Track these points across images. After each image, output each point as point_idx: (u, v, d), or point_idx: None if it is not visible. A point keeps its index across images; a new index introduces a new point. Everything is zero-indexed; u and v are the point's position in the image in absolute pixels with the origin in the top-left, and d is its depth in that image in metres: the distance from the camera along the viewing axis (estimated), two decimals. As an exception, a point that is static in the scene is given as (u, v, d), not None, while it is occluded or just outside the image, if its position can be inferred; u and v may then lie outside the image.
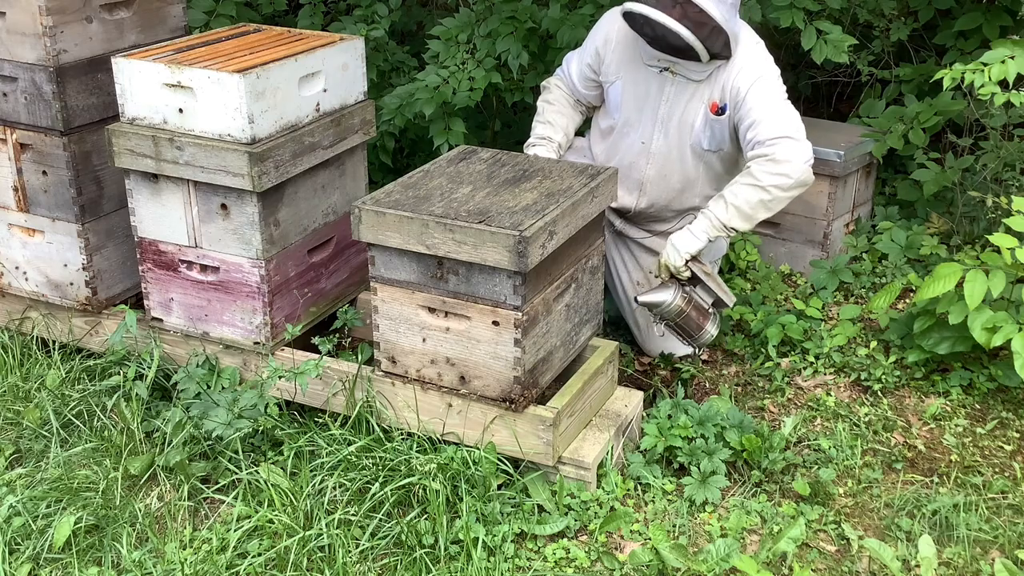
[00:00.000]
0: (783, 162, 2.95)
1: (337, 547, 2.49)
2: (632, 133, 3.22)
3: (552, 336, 2.75)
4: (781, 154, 2.95)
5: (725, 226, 3.01)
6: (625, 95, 3.20)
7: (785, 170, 2.95)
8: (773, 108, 3.02)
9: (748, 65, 3.03)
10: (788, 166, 2.95)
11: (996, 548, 2.58)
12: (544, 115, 3.33)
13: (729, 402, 3.08)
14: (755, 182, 2.96)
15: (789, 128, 2.99)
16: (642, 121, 3.20)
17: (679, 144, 3.18)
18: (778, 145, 2.96)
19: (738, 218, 3.00)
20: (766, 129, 2.98)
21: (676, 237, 3.03)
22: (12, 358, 3.25)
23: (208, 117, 2.79)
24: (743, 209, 2.98)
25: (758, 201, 2.98)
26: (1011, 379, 3.10)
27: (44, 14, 2.90)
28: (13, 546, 2.57)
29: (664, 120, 3.16)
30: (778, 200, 2.99)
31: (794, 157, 2.95)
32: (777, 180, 2.95)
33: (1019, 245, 2.93)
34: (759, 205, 2.98)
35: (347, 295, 3.25)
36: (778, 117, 3.00)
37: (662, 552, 2.41)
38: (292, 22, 4.66)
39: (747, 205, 2.98)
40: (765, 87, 3.03)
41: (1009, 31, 3.94)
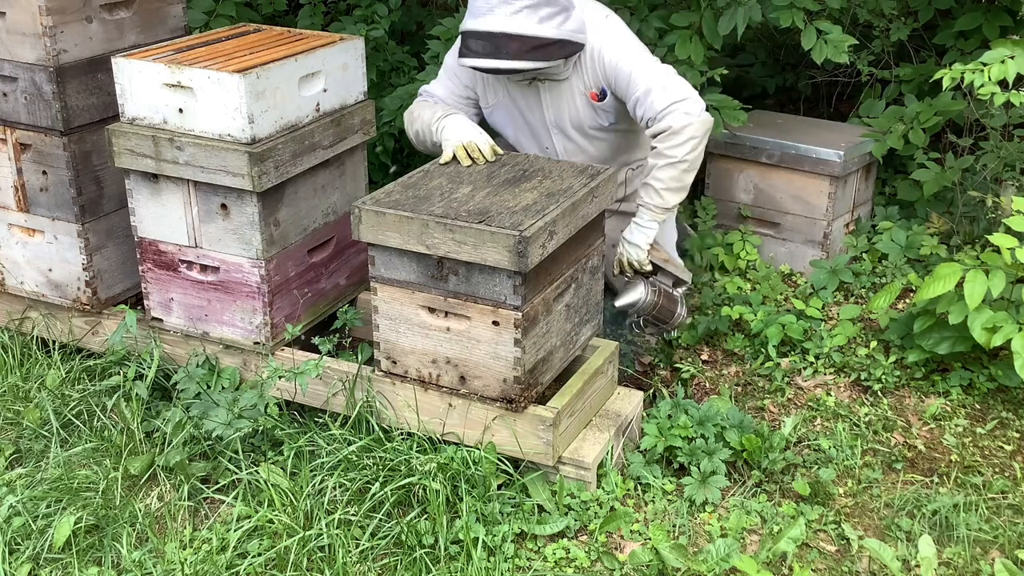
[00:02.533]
0: (682, 129, 2.99)
1: (337, 547, 2.49)
2: (530, 144, 3.33)
3: (552, 336, 2.75)
4: (677, 122, 2.99)
5: (665, 208, 3.09)
6: (509, 116, 3.30)
7: (688, 134, 3.00)
8: (647, 75, 3.05)
9: (605, 43, 3.09)
10: (689, 130, 3.00)
11: (996, 548, 2.58)
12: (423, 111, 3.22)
13: (729, 402, 3.08)
14: (669, 159, 3.01)
15: (671, 91, 3.02)
16: (534, 134, 3.29)
17: (580, 137, 3.26)
18: (670, 115, 3.01)
19: (672, 194, 3.07)
20: (652, 102, 3.03)
21: (628, 234, 3.12)
22: (12, 358, 3.25)
23: (208, 117, 2.79)
24: (671, 185, 3.05)
25: (680, 172, 3.04)
26: (1011, 379, 3.10)
27: (44, 14, 2.90)
28: (13, 546, 2.57)
29: (555, 124, 3.25)
30: (696, 158, 3.06)
31: (689, 119, 3.00)
32: (686, 147, 3.00)
33: (1019, 245, 2.93)
34: (683, 174, 3.05)
35: (347, 295, 3.25)
36: (656, 83, 3.04)
37: (662, 552, 2.41)
38: (292, 22, 4.66)
39: (673, 181, 3.04)
40: (629, 57, 3.08)
41: (1009, 31, 3.94)
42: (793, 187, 3.81)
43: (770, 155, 3.82)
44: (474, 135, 3.00)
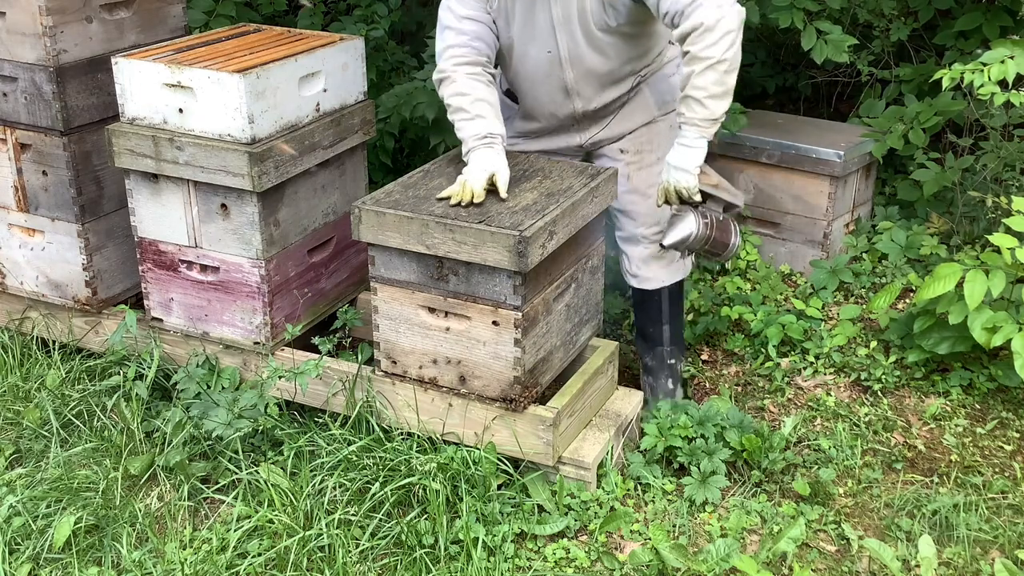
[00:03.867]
0: (716, 24, 2.63)
1: (337, 547, 2.49)
2: (532, 47, 2.93)
3: (552, 336, 2.75)
4: (710, 17, 2.63)
5: (713, 119, 2.73)
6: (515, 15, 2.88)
7: (723, 28, 2.64)
8: None
9: None
10: (724, 23, 2.63)
11: (996, 548, 2.58)
12: (467, 109, 2.84)
13: (729, 402, 3.08)
14: (708, 62, 2.65)
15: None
16: (538, 34, 2.90)
17: (586, 37, 2.88)
18: (700, 8, 2.64)
19: (717, 101, 2.71)
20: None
21: (674, 158, 2.76)
22: (12, 358, 3.25)
23: (208, 117, 2.79)
24: (715, 91, 2.68)
25: (722, 74, 2.68)
26: (1011, 379, 3.10)
27: (44, 14, 2.90)
28: (13, 546, 2.57)
29: (562, 22, 2.86)
30: (736, 56, 2.70)
31: (721, 11, 2.64)
32: (723, 44, 2.65)
33: (1019, 245, 2.93)
34: (725, 76, 2.69)
35: (347, 295, 3.25)
36: None
37: (662, 552, 2.41)
38: (292, 22, 4.66)
39: (716, 85, 2.68)
40: None
41: (1009, 31, 3.94)
42: (793, 187, 3.81)
43: (770, 155, 3.82)
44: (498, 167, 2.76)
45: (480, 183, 2.67)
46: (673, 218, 2.82)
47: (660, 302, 3.12)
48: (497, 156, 2.76)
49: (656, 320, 3.14)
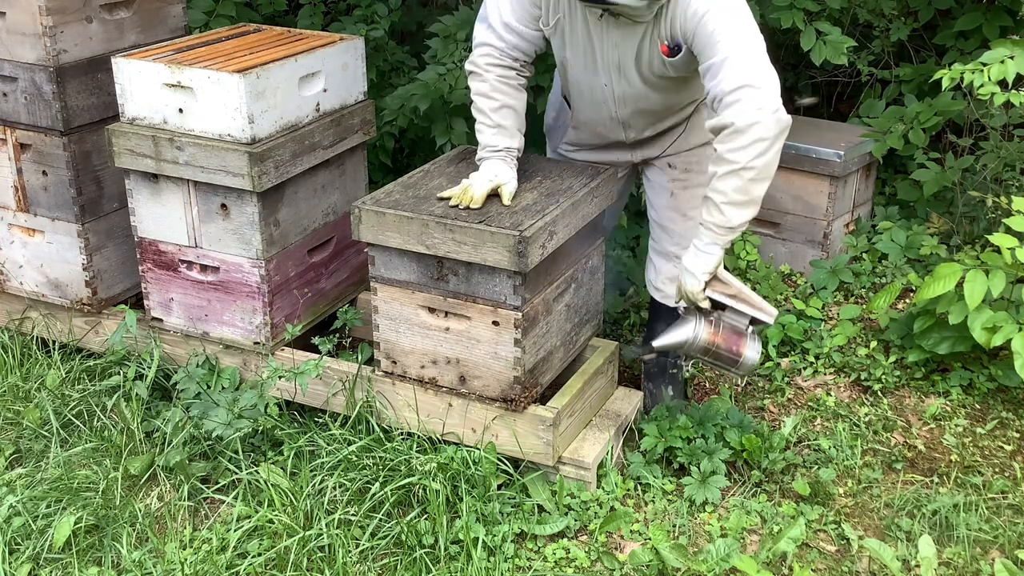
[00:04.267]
0: (748, 128, 2.46)
1: (337, 547, 2.49)
2: (586, 75, 2.83)
3: (552, 336, 2.75)
4: (743, 118, 2.46)
5: (729, 228, 2.58)
6: (571, 41, 2.77)
7: (755, 135, 2.46)
8: (732, 40, 2.50)
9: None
10: (757, 129, 2.45)
11: (996, 548, 2.58)
12: (489, 116, 2.79)
13: (729, 402, 3.08)
14: (732, 167, 2.50)
15: (748, 71, 2.48)
16: (596, 67, 2.79)
17: (643, 80, 2.76)
18: (736, 105, 2.47)
19: (737, 209, 2.55)
20: (724, 77, 2.49)
21: (686, 259, 2.65)
22: (12, 358, 3.25)
23: (208, 117, 2.79)
24: (735, 199, 2.53)
25: (747, 182, 2.51)
26: (1011, 379, 3.10)
27: (44, 14, 2.90)
28: (13, 546, 2.57)
29: (618, 66, 2.75)
30: (768, 166, 2.52)
31: (759, 115, 2.46)
32: (752, 151, 2.47)
33: (1019, 245, 2.93)
34: (750, 185, 2.52)
35: (347, 295, 3.25)
36: (737, 55, 2.49)
37: (662, 552, 2.41)
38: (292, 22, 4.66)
39: (738, 193, 2.52)
40: (720, 12, 2.52)
41: (1009, 31, 3.94)
42: (793, 187, 3.81)
43: (770, 155, 3.81)
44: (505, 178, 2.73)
45: (482, 190, 2.66)
46: (679, 319, 2.71)
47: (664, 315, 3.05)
48: (507, 168, 2.75)
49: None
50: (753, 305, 2.64)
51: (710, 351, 2.65)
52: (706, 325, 2.64)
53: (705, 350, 2.65)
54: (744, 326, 2.65)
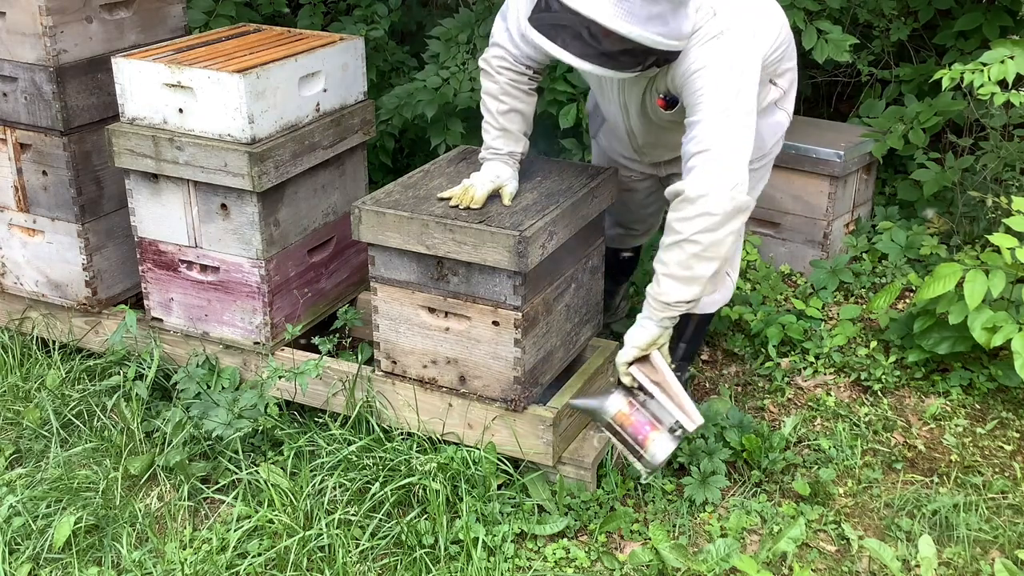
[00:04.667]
0: (698, 199, 2.32)
1: (337, 547, 2.49)
2: (606, 103, 2.82)
3: (552, 336, 2.75)
4: (694, 187, 2.33)
5: (664, 303, 2.42)
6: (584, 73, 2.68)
7: (703, 207, 2.31)
8: (715, 104, 2.36)
9: (701, 55, 2.39)
10: (704, 202, 2.31)
11: (996, 548, 2.58)
12: (496, 118, 2.74)
13: (729, 402, 3.08)
14: (676, 236, 2.36)
15: (717, 140, 2.34)
16: (609, 100, 2.78)
17: (653, 121, 2.72)
18: (692, 173, 2.35)
19: (676, 286, 2.39)
20: (695, 140, 2.37)
21: (629, 330, 2.51)
22: (12, 358, 3.25)
23: (208, 117, 2.79)
24: (677, 274, 2.38)
25: (690, 257, 2.35)
26: (1011, 379, 3.10)
27: (44, 14, 2.90)
28: (13, 546, 2.57)
29: (628, 105, 2.72)
30: (715, 244, 2.35)
31: (710, 186, 2.31)
32: (699, 224, 2.32)
33: (1019, 245, 2.93)
34: (694, 261, 2.36)
35: (347, 295, 3.25)
36: (709, 121, 2.36)
37: (662, 552, 2.41)
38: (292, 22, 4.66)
39: (680, 267, 2.37)
40: (714, 73, 2.37)
41: (1009, 31, 3.94)
42: (793, 187, 3.81)
43: (770, 155, 3.82)
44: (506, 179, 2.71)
45: (483, 191, 2.66)
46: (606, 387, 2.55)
47: (687, 325, 3.00)
48: (509, 170, 2.74)
49: (675, 337, 2.97)
50: (677, 403, 2.42)
51: (616, 430, 2.46)
52: (623, 401, 2.46)
53: (610, 426, 2.47)
54: (669, 421, 2.43)
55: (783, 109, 2.79)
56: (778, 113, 2.78)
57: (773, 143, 2.80)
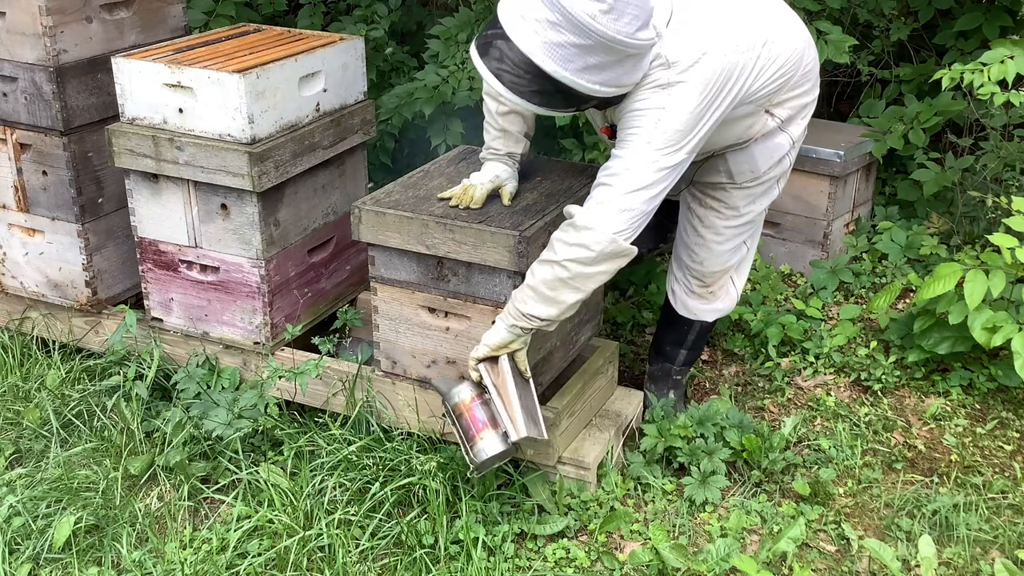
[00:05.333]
0: (583, 229, 2.33)
1: (337, 547, 2.49)
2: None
3: (552, 336, 2.75)
4: (582, 218, 2.34)
5: (519, 311, 2.41)
6: None
7: (583, 239, 2.33)
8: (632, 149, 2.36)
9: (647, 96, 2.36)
10: (587, 235, 2.32)
11: (996, 548, 2.58)
12: (496, 119, 2.73)
13: (729, 402, 3.08)
14: (551, 255, 2.37)
15: (623, 180, 2.34)
16: None
17: None
18: (589, 203, 2.36)
19: (536, 300, 2.39)
20: (607, 169, 2.38)
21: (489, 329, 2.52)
22: (12, 358, 3.25)
23: (208, 117, 2.79)
24: (540, 290, 2.38)
25: (556, 280, 2.36)
26: (1011, 379, 3.10)
27: (44, 14, 2.90)
28: (13, 546, 2.57)
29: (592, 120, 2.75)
30: (582, 277, 2.36)
31: (598, 223, 2.32)
32: (574, 253, 2.34)
33: (1019, 245, 2.93)
34: (559, 284, 2.36)
35: (347, 295, 3.25)
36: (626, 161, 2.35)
37: (662, 552, 2.41)
38: (292, 22, 4.66)
39: (544, 285, 2.37)
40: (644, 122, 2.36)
41: (1009, 31, 3.94)
42: (793, 187, 3.81)
43: (770, 155, 3.82)
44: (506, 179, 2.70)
45: (483, 190, 2.66)
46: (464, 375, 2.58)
47: (688, 331, 3.01)
48: (509, 171, 2.74)
49: (677, 343, 3.03)
50: (507, 409, 2.43)
51: (453, 418, 2.50)
52: (469, 393, 2.49)
53: (450, 413, 2.51)
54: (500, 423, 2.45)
55: (786, 132, 2.75)
56: (778, 136, 2.75)
57: (769, 166, 2.74)
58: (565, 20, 2.16)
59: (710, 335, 3.44)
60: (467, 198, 2.64)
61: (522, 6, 2.21)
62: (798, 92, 2.68)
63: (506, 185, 2.70)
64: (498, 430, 2.46)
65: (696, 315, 2.97)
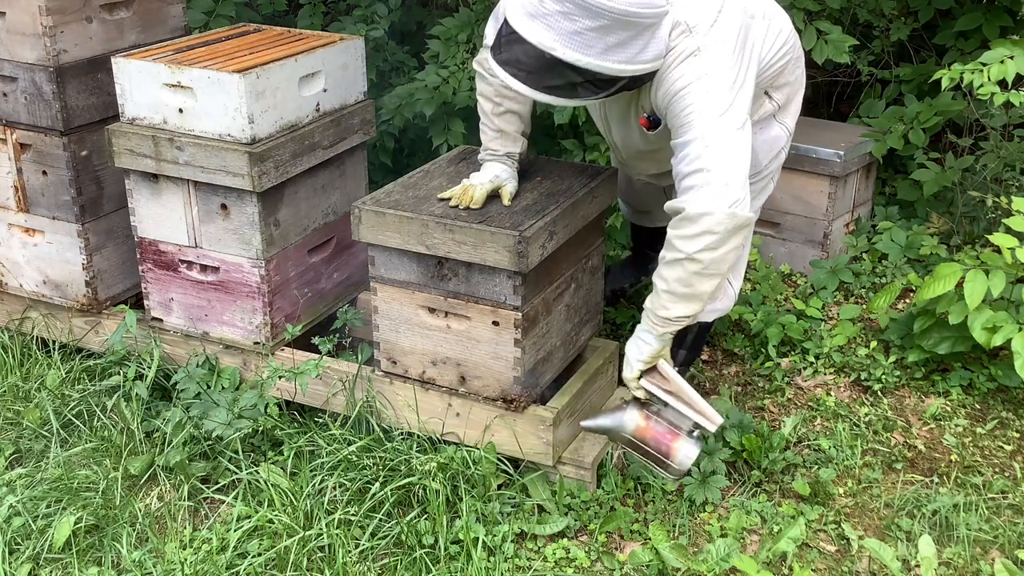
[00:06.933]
0: (698, 218, 2.28)
1: (337, 547, 2.49)
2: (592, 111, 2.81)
3: (552, 336, 2.75)
4: (693, 206, 2.29)
5: (665, 318, 2.40)
6: None
7: (704, 226, 2.28)
8: (705, 120, 2.30)
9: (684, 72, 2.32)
10: (706, 220, 2.28)
11: (996, 548, 2.58)
12: (492, 119, 2.73)
13: (729, 402, 3.08)
14: (677, 254, 2.33)
15: (712, 157, 2.28)
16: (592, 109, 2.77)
17: (632, 142, 2.72)
18: (690, 192, 2.30)
19: (677, 302, 2.38)
20: (687, 159, 2.31)
21: (628, 345, 2.51)
22: (12, 358, 3.25)
23: (208, 117, 2.79)
24: (677, 291, 2.36)
25: (691, 275, 2.33)
26: (1011, 379, 3.10)
27: (44, 14, 2.90)
28: (13, 546, 2.57)
29: (609, 120, 2.72)
30: (717, 262, 2.32)
31: (710, 205, 2.27)
32: (700, 243, 2.29)
33: (1019, 245, 2.93)
34: (693, 278, 2.34)
35: (347, 295, 3.25)
36: (703, 140, 2.29)
37: (662, 552, 2.41)
38: (292, 22, 4.66)
39: (680, 284, 2.35)
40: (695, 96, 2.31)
41: (1009, 31, 3.94)
42: (793, 187, 3.81)
43: (770, 155, 3.82)
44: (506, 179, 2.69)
45: (483, 190, 2.66)
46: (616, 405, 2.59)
47: (687, 331, 2.94)
48: (508, 171, 2.74)
49: (676, 343, 2.99)
50: (694, 407, 2.44)
51: (637, 445, 2.49)
52: (638, 416, 2.48)
53: (631, 442, 2.50)
54: (687, 426, 2.47)
55: (781, 123, 2.74)
56: (775, 128, 2.74)
57: (769, 159, 2.75)
58: (575, 7, 2.15)
59: (710, 335, 3.45)
60: (467, 198, 2.64)
61: (528, 5, 2.20)
62: (792, 79, 2.73)
63: (506, 185, 2.70)
64: (681, 433, 2.46)
65: None
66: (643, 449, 2.50)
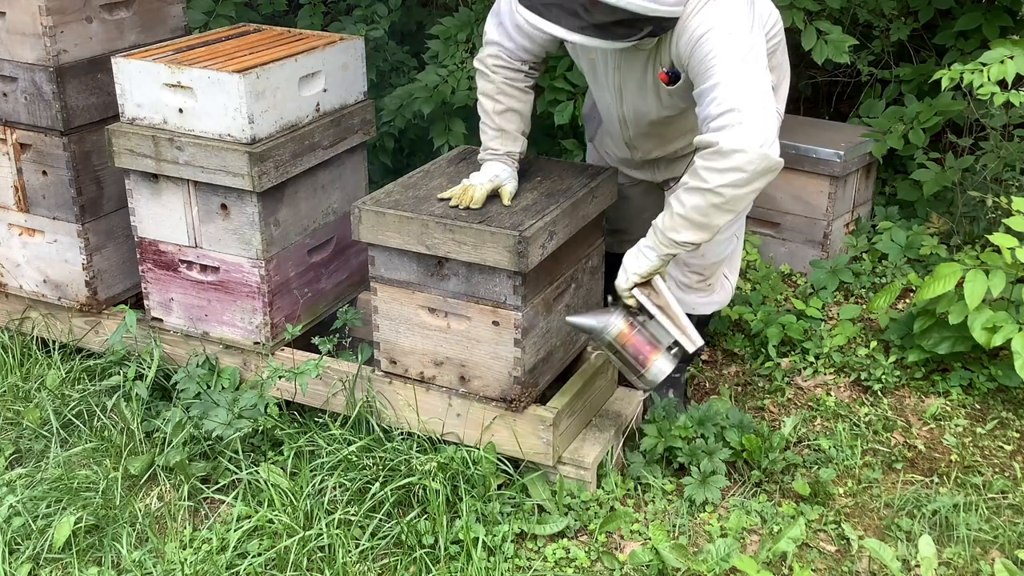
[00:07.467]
0: (730, 153, 2.30)
1: (337, 547, 2.49)
2: (599, 90, 2.82)
3: (552, 336, 2.75)
4: (728, 142, 2.30)
5: (672, 240, 2.44)
6: (579, 52, 2.74)
7: (735, 163, 2.31)
8: (729, 66, 2.35)
9: (703, 19, 2.39)
10: (738, 157, 2.30)
11: (996, 548, 2.58)
12: (493, 118, 2.76)
13: (729, 402, 3.08)
14: (702, 184, 2.36)
15: (742, 98, 2.31)
16: (601, 86, 2.78)
17: (645, 108, 2.72)
18: (724, 130, 2.32)
19: (689, 228, 2.42)
20: (715, 99, 2.34)
21: (627, 255, 2.55)
22: (12, 358, 3.25)
23: (208, 117, 2.79)
24: (692, 218, 2.40)
25: (709, 206, 2.38)
26: (1011, 379, 3.10)
27: (44, 14, 2.90)
28: (13, 546, 2.57)
29: (620, 88, 2.71)
30: (737, 199, 2.37)
31: (745, 143, 2.29)
32: (727, 178, 2.33)
33: (1019, 245, 2.93)
34: (711, 210, 2.38)
35: (347, 295, 3.25)
36: (731, 80, 2.33)
37: (662, 552, 2.41)
38: (292, 22, 4.66)
39: (697, 213, 2.39)
40: (721, 36, 2.37)
41: (1009, 31, 3.94)
42: (793, 187, 3.81)
43: (770, 155, 3.81)
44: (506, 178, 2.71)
45: (483, 190, 2.66)
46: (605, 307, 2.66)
47: None
48: (508, 170, 2.74)
49: None
50: (678, 325, 2.53)
51: (616, 349, 2.59)
52: (623, 322, 2.57)
53: (611, 345, 2.59)
54: (667, 342, 2.56)
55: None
56: None
57: None
58: None
59: (710, 335, 3.45)
60: (467, 198, 2.64)
61: None
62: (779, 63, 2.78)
63: (506, 185, 2.70)
64: (660, 347, 2.57)
65: (695, 309, 2.99)
66: (621, 355, 2.59)
